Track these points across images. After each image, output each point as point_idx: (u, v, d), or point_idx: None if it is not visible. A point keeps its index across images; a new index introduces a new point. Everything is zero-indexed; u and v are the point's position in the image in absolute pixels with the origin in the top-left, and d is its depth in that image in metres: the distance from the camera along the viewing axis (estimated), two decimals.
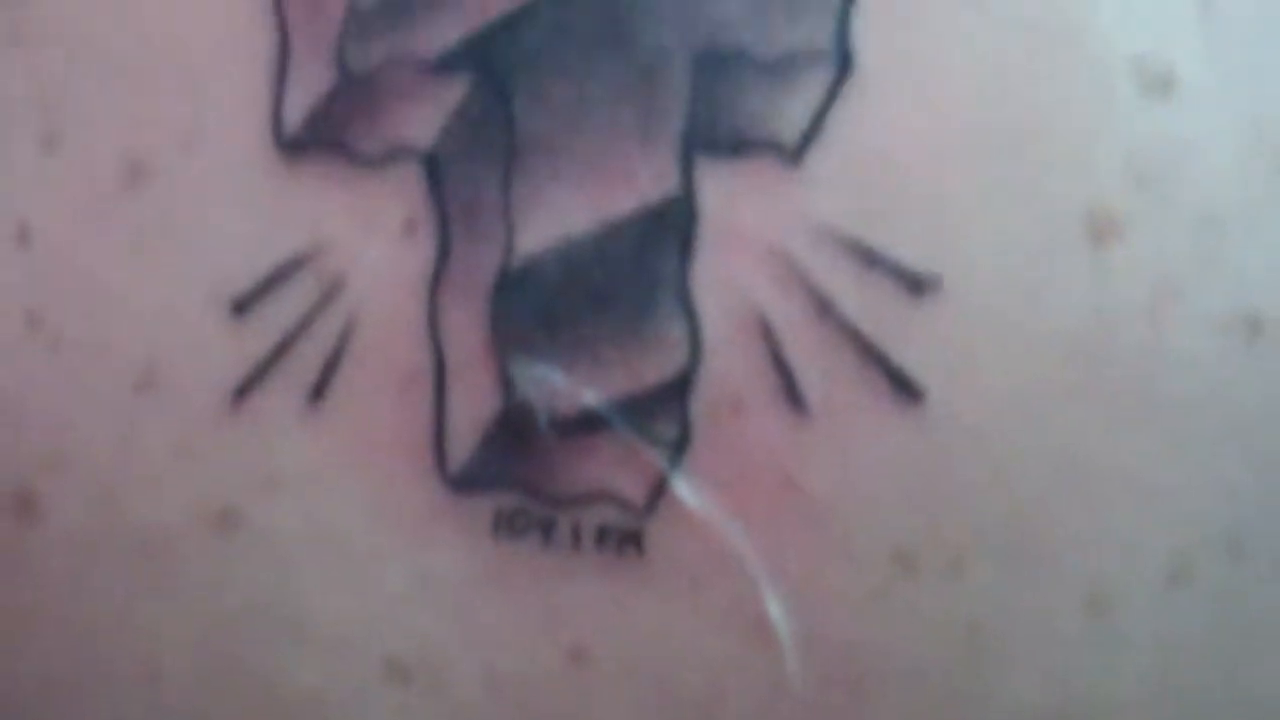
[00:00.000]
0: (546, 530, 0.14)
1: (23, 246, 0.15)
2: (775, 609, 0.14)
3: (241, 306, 0.15)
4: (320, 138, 0.14)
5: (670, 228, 0.14)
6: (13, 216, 0.15)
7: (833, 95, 0.14)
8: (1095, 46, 0.14)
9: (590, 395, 0.14)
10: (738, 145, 0.14)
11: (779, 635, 0.14)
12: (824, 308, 0.14)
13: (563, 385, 0.14)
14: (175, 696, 0.15)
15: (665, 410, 0.14)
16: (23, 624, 0.16)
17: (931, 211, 0.14)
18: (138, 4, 0.15)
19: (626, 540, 0.14)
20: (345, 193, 0.14)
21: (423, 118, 0.14)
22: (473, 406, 0.14)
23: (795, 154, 0.14)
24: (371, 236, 0.14)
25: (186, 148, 0.15)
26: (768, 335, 0.14)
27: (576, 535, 0.14)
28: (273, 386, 0.15)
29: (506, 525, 0.14)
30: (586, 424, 0.14)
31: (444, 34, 0.14)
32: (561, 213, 0.14)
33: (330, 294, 0.14)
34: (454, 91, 0.14)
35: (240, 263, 0.15)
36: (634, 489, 0.14)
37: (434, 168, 0.14)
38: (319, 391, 0.15)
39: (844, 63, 0.14)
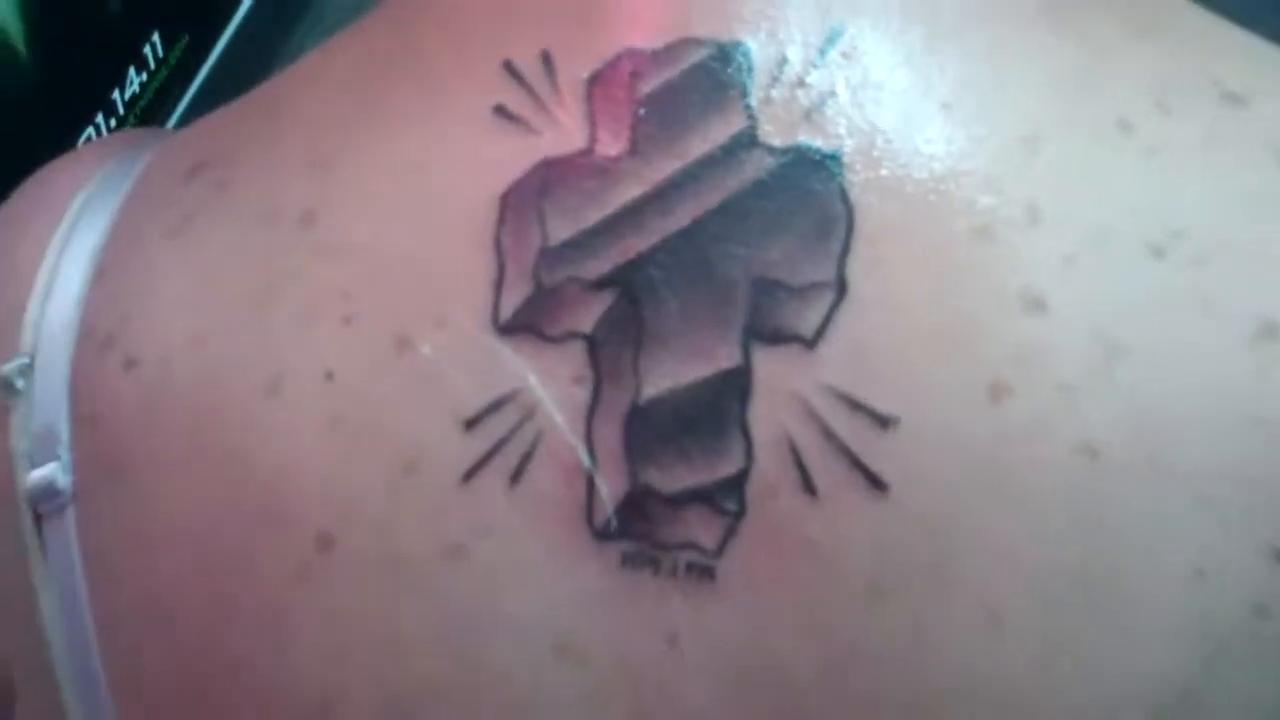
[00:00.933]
0: (655, 565, 0.23)
1: (328, 382, 0.24)
2: None
3: (470, 424, 0.23)
4: (522, 324, 0.23)
5: (735, 385, 0.22)
6: (322, 364, 0.24)
7: (834, 308, 0.22)
8: (999, 278, 0.22)
9: (684, 483, 0.23)
10: (776, 337, 0.22)
11: None
12: (827, 433, 0.22)
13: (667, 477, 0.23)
14: (419, 667, 0.24)
15: (730, 493, 0.23)
16: (327, 627, 0.24)
17: (893, 377, 0.22)
18: (405, 233, 0.24)
19: (704, 572, 0.23)
20: (537, 358, 0.23)
21: (586, 315, 0.23)
22: (611, 487, 0.23)
23: (811, 343, 0.22)
24: (552, 384, 0.23)
25: (439, 326, 0.24)
26: (793, 450, 0.22)
27: (674, 568, 0.23)
28: (488, 472, 0.23)
29: (630, 561, 0.23)
30: (681, 500, 0.23)
31: (600, 266, 0.23)
32: (670, 374, 0.23)
33: (526, 418, 0.23)
34: (605, 300, 0.23)
35: (470, 397, 0.23)
36: (710, 540, 0.23)
37: (592, 345, 0.23)
38: (516, 477, 0.23)
39: (841, 288, 0.22)
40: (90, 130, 1.46)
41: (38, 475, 0.26)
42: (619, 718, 0.23)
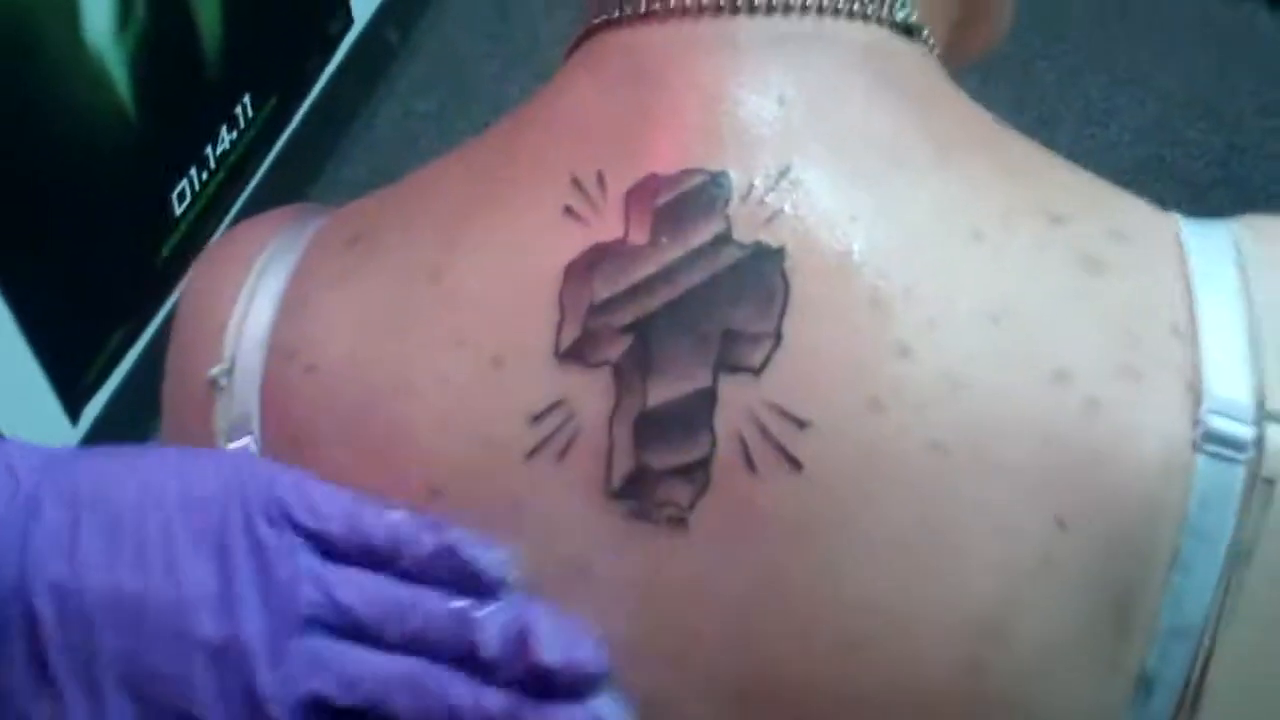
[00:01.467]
0: (648, 517, 0.34)
1: (443, 385, 0.36)
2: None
3: (535, 419, 0.35)
4: (573, 354, 0.35)
5: (706, 398, 0.34)
6: (440, 374, 0.36)
7: (773, 350, 0.34)
8: (882, 333, 0.33)
9: (669, 463, 0.34)
10: (735, 368, 0.34)
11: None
12: (764, 431, 0.34)
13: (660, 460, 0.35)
14: None
15: (699, 470, 0.34)
16: None
17: (809, 395, 0.33)
18: (502, 289, 0.36)
19: (680, 523, 0.34)
20: (581, 377, 0.35)
21: (614, 350, 0.35)
22: (623, 465, 0.35)
23: (758, 372, 0.34)
24: (589, 395, 0.35)
25: (521, 353, 0.35)
26: (742, 442, 0.34)
27: (660, 519, 0.34)
28: (544, 452, 0.35)
29: (633, 514, 0.35)
30: (667, 474, 0.34)
31: (625, 317, 0.35)
32: (665, 391, 0.34)
33: (570, 417, 0.35)
34: (627, 340, 0.35)
35: (536, 401, 0.35)
36: (685, 501, 0.34)
37: (617, 370, 0.35)
38: (562, 456, 0.35)
39: (778, 338, 0.34)
40: (184, 183, 1.62)
41: (234, 447, 0.39)
42: (622, 619, 0.35)
